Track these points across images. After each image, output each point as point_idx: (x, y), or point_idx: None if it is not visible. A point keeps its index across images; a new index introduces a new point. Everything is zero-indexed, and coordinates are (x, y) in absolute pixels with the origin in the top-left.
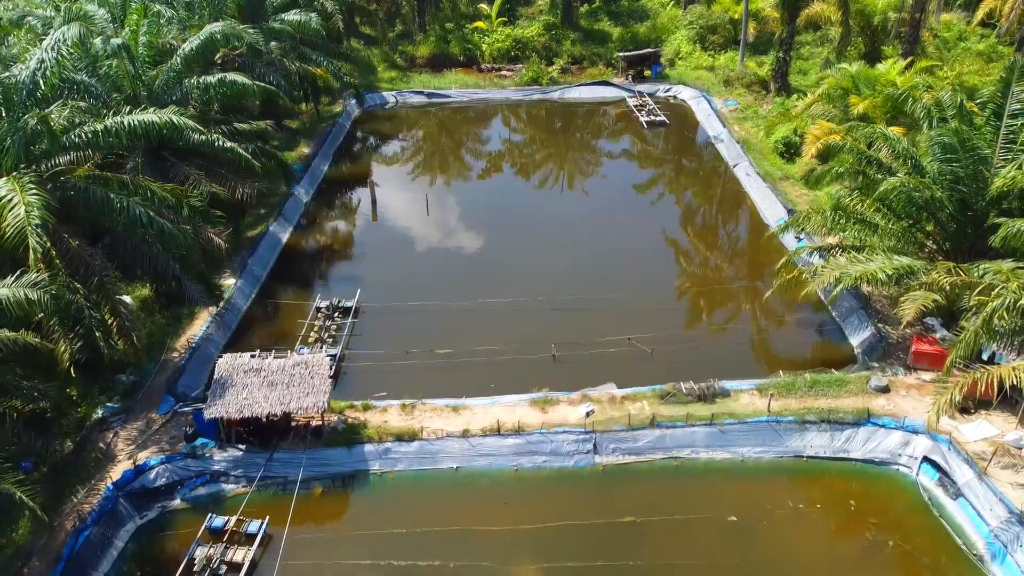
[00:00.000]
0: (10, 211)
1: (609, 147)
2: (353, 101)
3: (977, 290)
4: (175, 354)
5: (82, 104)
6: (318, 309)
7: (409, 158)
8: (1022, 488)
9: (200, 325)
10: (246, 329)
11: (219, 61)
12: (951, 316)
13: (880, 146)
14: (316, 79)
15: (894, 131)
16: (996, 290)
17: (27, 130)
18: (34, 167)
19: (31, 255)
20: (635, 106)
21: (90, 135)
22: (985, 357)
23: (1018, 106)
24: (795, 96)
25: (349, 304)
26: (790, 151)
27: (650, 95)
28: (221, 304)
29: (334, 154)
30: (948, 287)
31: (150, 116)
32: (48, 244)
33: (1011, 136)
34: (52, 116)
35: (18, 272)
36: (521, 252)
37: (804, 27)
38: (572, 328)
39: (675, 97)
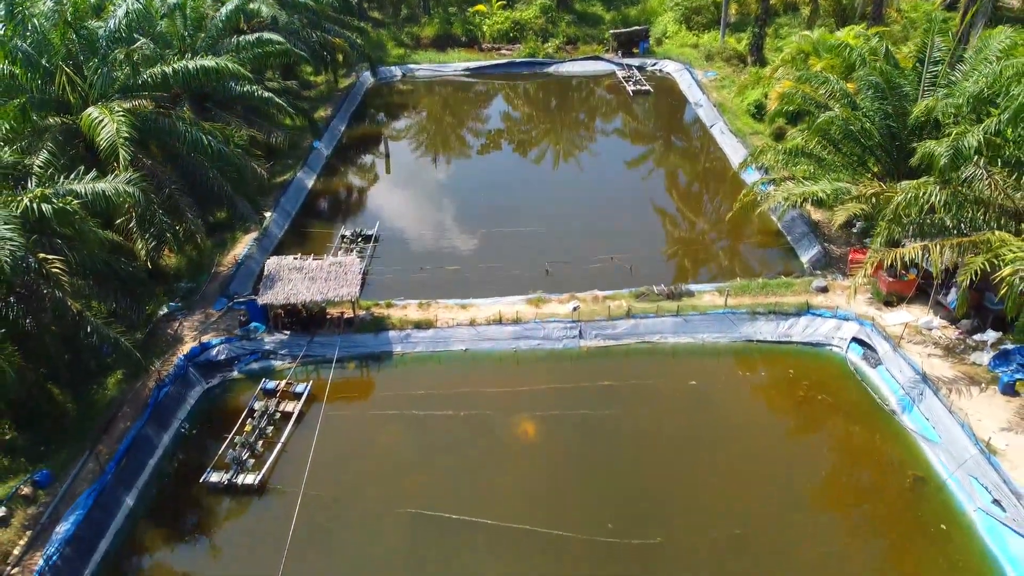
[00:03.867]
0: (103, 129)
1: (598, 113)
2: (366, 73)
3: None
4: (223, 268)
5: (146, 52)
6: (343, 236)
7: (418, 120)
8: (927, 357)
9: (243, 247)
10: (281, 252)
11: (246, 30)
12: None
13: (825, 90)
14: (334, 48)
15: (847, 86)
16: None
17: (116, 64)
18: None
19: (121, 162)
20: (623, 78)
21: (159, 76)
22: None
23: (937, 54)
24: (768, 67)
25: (370, 232)
26: (760, 112)
27: (638, 68)
28: (264, 225)
29: (350, 117)
30: (873, 198)
31: (209, 62)
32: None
33: (932, 79)
34: (122, 58)
35: (113, 174)
36: (519, 193)
37: (783, 9)
38: (563, 251)
39: (661, 71)
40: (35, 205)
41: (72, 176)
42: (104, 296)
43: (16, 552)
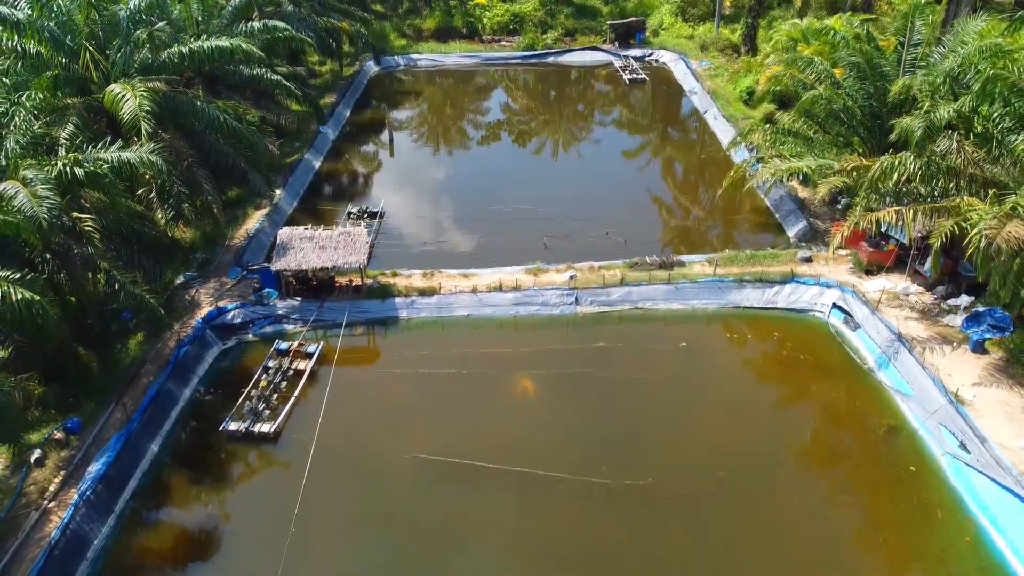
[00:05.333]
0: (125, 103)
1: (596, 101)
2: (370, 62)
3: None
4: (235, 241)
5: (163, 36)
6: (349, 213)
7: (420, 107)
8: (904, 320)
9: (254, 222)
10: (291, 226)
11: (255, 17)
12: None
13: (810, 71)
14: (341, 34)
15: (835, 72)
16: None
17: (138, 43)
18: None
19: (143, 134)
20: (620, 67)
21: (176, 56)
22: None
23: (918, 37)
24: (760, 55)
25: (375, 210)
26: (752, 99)
27: (634, 58)
28: (274, 201)
29: (354, 104)
30: (854, 172)
31: (223, 42)
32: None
33: (912, 60)
34: (144, 37)
35: (138, 144)
36: (519, 175)
37: (776, 2)
38: (560, 228)
39: (657, 60)
40: (68, 168)
41: (99, 146)
42: (129, 258)
43: (52, 488)
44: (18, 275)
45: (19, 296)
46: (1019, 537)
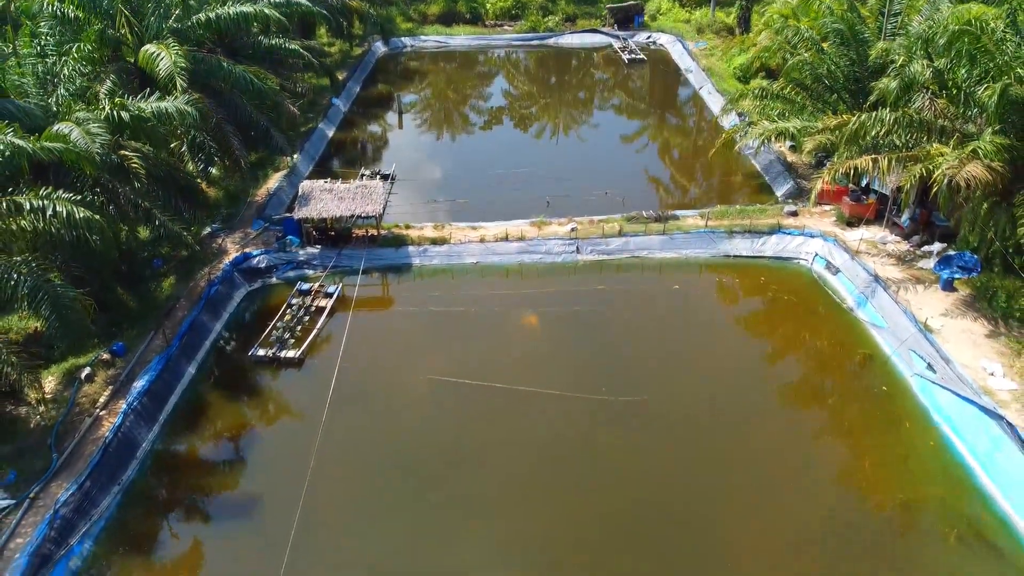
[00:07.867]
0: (160, 61)
1: (595, 79)
2: (378, 43)
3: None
4: (257, 198)
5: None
6: (362, 175)
7: (427, 85)
8: (881, 265)
9: (274, 182)
10: None
11: None
12: None
13: (797, 39)
14: (352, 12)
15: (824, 46)
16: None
17: (171, 6)
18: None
19: (178, 88)
20: (619, 48)
21: (204, 21)
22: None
23: (897, 7)
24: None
25: (387, 173)
26: (746, 75)
27: (633, 40)
28: (292, 163)
29: (364, 80)
30: (838, 130)
31: (247, 8)
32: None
33: (891, 29)
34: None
35: (174, 96)
36: (521, 142)
37: None
38: (562, 188)
39: (655, 43)
40: (115, 112)
41: (139, 97)
42: (167, 201)
43: (102, 400)
44: (78, 197)
45: (81, 215)
46: (975, 439)
